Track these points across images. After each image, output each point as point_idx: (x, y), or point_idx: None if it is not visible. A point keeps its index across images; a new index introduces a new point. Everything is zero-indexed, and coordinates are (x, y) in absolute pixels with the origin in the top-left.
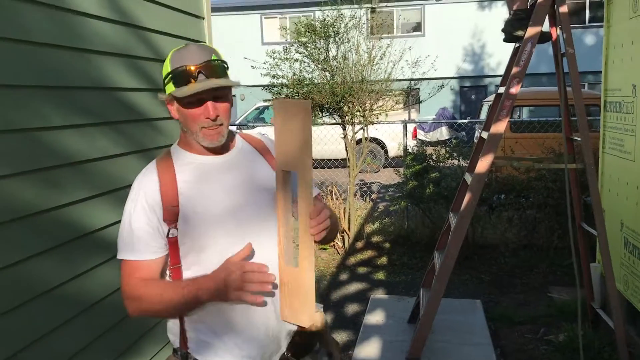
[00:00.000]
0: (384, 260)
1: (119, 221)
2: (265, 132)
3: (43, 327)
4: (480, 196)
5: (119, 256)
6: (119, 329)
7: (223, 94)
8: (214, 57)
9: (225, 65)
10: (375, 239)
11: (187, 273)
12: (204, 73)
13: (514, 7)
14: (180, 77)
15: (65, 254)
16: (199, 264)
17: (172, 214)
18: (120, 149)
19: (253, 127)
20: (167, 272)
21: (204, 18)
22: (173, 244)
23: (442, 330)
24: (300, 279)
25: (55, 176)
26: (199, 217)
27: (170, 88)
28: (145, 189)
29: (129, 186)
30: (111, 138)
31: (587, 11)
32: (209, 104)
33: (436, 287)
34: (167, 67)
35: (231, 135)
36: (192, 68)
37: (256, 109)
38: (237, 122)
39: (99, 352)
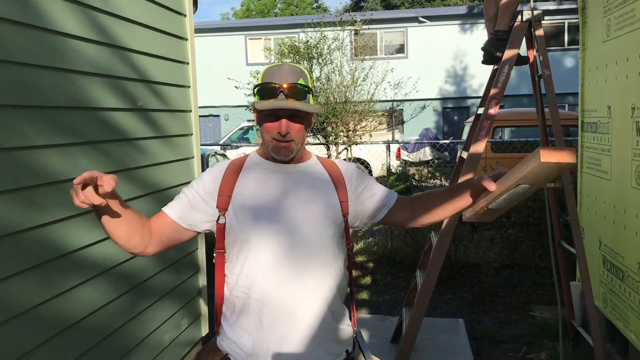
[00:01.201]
0: (367, 279)
1: (100, 241)
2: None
3: (21, 348)
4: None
5: None
6: (98, 350)
7: (300, 115)
8: (300, 81)
9: (307, 90)
10: (359, 258)
11: (234, 261)
12: (285, 93)
13: (495, 28)
14: (265, 91)
15: (45, 273)
16: (244, 256)
17: (224, 202)
18: (102, 168)
19: (237, 147)
20: (214, 254)
21: (187, 39)
22: (220, 230)
23: (425, 350)
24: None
25: (36, 195)
26: (245, 212)
27: (255, 98)
28: (212, 174)
29: None
30: (93, 158)
31: (566, 34)
32: (284, 121)
33: (418, 306)
34: (259, 79)
35: (306, 154)
36: (276, 86)
37: (240, 129)
38: (221, 142)
39: None
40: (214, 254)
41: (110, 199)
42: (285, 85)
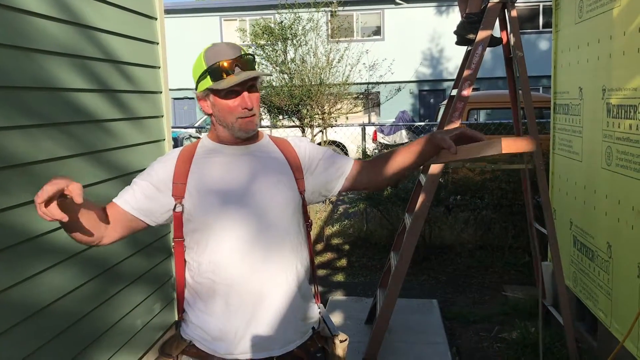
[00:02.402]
0: (343, 262)
1: None
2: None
3: None
4: (436, 197)
5: None
6: (67, 335)
7: (254, 85)
8: (243, 52)
9: (253, 58)
10: (335, 241)
11: (195, 248)
12: (240, 66)
13: (467, 11)
14: (217, 72)
15: (10, 258)
16: (206, 242)
17: (179, 190)
18: (68, 150)
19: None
20: (172, 243)
21: (156, 18)
22: (178, 219)
23: (399, 330)
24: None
25: None
26: (205, 198)
27: (207, 83)
28: (164, 163)
29: None
30: (59, 140)
31: (541, 17)
32: (245, 94)
33: (392, 288)
34: (201, 65)
35: (258, 133)
36: (230, 62)
37: None
38: (196, 125)
39: (46, 359)
40: (172, 243)
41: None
42: (236, 59)
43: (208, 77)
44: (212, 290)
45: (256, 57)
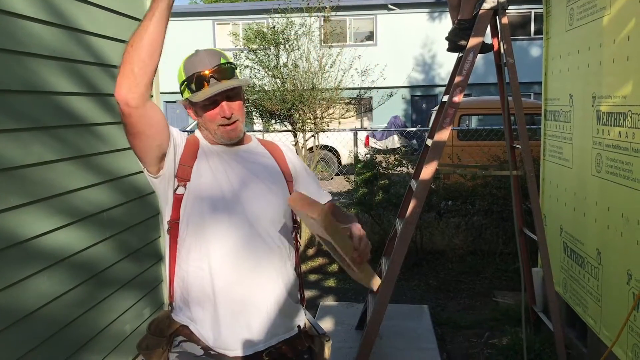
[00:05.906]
0: (334, 267)
1: (56, 229)
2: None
3: None
4: (427, 202)
5: None
6: (55, 341)
7: (235, 93)
8: (222, 61)
9: (233, 66)
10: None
11: (184, 235)
12: (216, 77)
13: (459, 17)
14: (194, 83)
15: None
16: (201, 229)
17: (185, 172)
18: (57, 155)
19: None
20: (166, 225)
21: None
22: (177, 200)
23: (390, 336)
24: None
25: None
26: (202, 198)
27: (186, 94)
28: (179, 137)
29: (67, 193)
30: (48, 143)
31: (533, 24)
32: (224, 104)
33: (382, 293)
34: (181, 75)
35: (246, 136)
36: (205, 73)
37: None
38: (188, 128)
39: None
40: (168, 225)
41: None
42: (212, 70)
43: (187, 88)
44: (201, 278)
45: (249, 61)
